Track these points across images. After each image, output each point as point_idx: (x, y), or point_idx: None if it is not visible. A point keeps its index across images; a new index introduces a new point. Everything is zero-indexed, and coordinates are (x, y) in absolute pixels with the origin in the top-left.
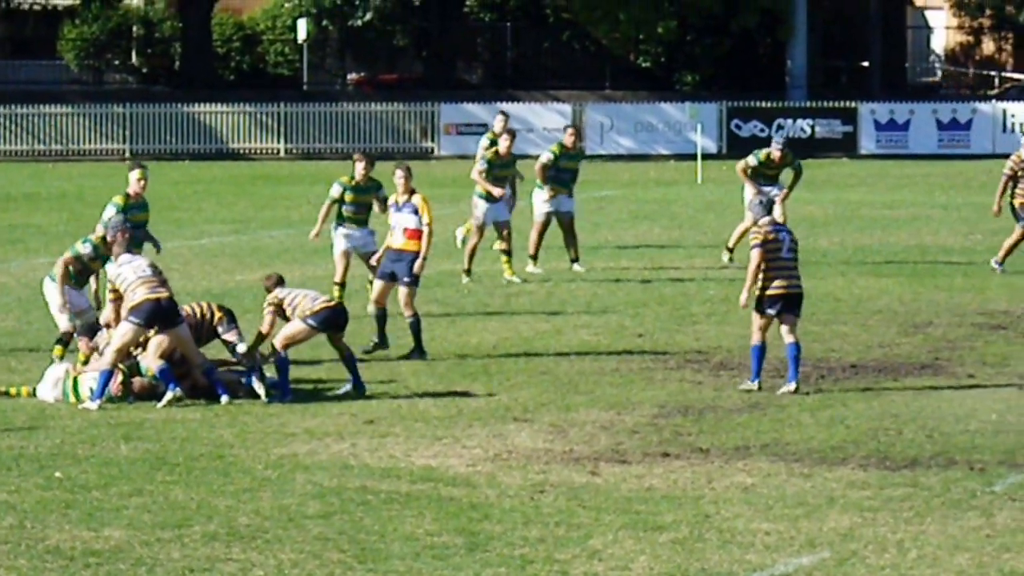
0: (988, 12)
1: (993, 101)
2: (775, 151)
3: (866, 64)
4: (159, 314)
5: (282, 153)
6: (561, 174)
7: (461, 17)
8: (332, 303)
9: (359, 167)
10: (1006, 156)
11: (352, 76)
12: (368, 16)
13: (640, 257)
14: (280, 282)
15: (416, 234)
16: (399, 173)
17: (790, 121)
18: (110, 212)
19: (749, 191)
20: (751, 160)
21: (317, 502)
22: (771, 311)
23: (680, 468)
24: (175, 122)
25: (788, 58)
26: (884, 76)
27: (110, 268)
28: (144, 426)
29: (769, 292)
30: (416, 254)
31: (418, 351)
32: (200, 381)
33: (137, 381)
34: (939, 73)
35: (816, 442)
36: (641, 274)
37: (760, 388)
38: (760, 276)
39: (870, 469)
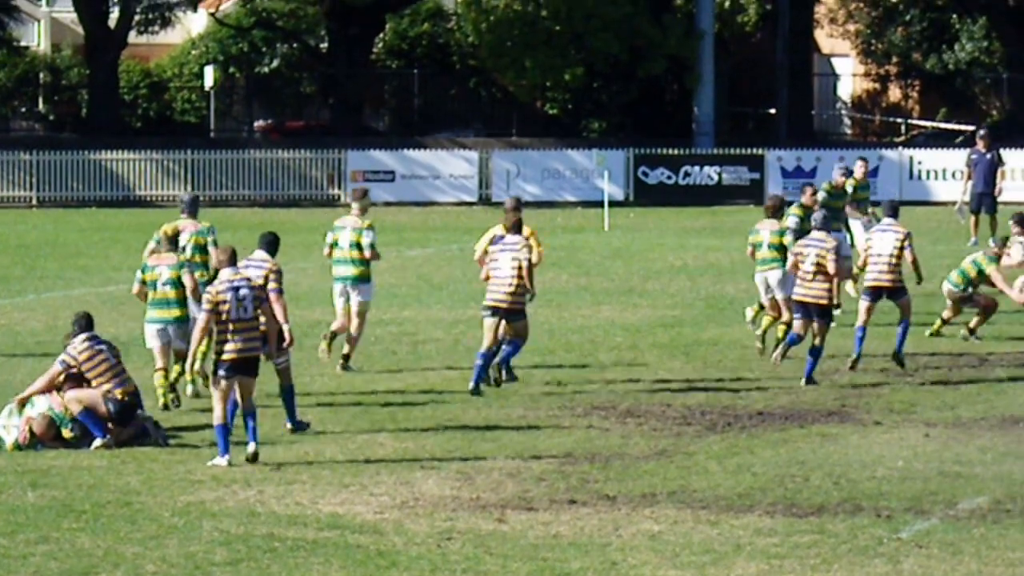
0: (894, 59)
1: (900, 148)
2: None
3: (773, 111)
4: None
5: None
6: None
7: (368, 64)
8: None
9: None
10: (913, 203)
11: (259, 123)
12: (275, 63)
13: (547, 304)
14: (233, 259)
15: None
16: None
17: (697, 168)
18: None
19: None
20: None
21: (224, 549)
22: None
23: (587, 515)
24: (82, 169)
25: (695, 105)
26: (791, 123)
27: None
28: (51, 473)
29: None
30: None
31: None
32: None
33: (37, 423)
34: (846, 120)
35: (723, 489)
36: (548, 321)
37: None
38: None
39: (777, 516)
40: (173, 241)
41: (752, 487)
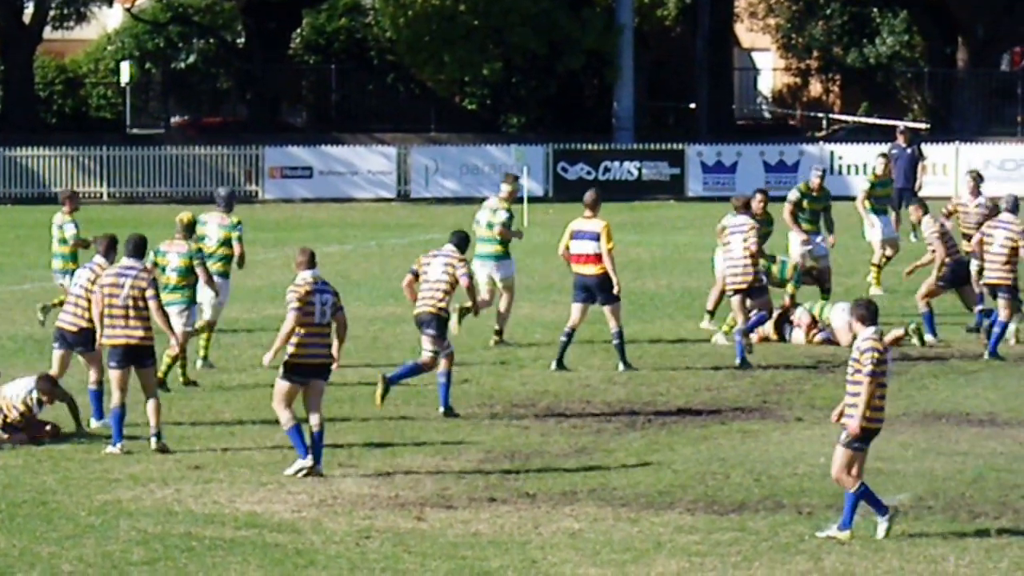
0: (815, 54)
1: (821, 143)
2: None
3: (693, 106)
4: None
5: (105, 197)
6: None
7: (285, 59)
8: None
9: None
10: (834, 199)
11: (175, 119)
12: (191, 59)
13: (466, 301)
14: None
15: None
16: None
17: (617, 163)
18: None
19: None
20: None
21: (141, 549)
22: None
23: (507, 513)
24: None
25: (615, 100)
26: (711, 118)
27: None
28: None
29: None
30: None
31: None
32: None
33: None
34: (767, 115)
35: (644, 486)
36: (467, 320)
37: None
38: None
39: (698, 513)
40: (188, 229)
41: (673, 484)
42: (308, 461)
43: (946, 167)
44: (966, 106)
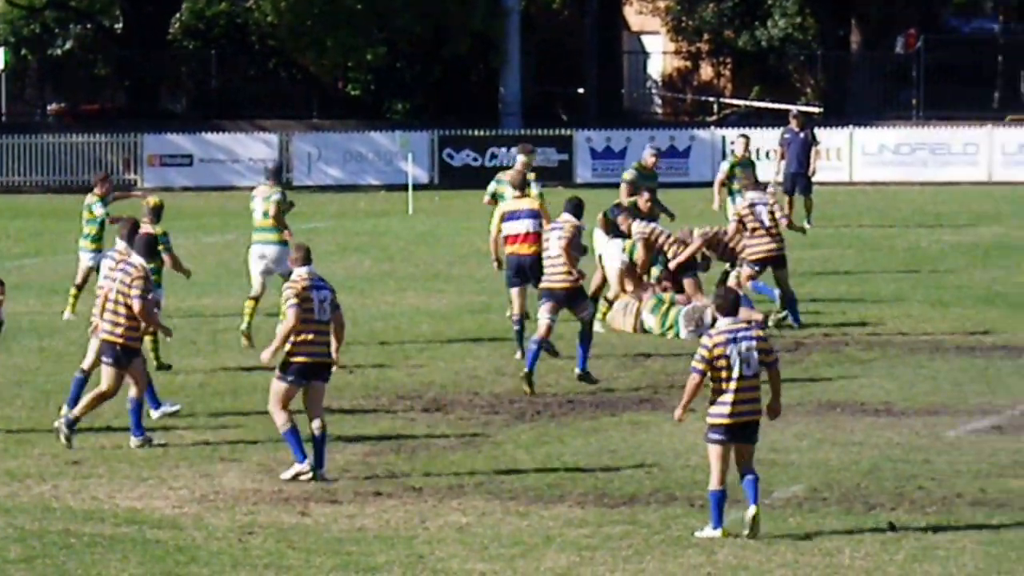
0: (706, 37)
1: (712, 128)
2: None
3: (581, 91)
4: None
5: None
6: None
7: (164, 45)
8: None
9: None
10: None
11: (52, 106)
12: (68, 45)
13: (350, 291)
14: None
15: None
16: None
17: (504, 150)
18: None
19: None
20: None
21: (18, 546)
22: None
23: (392, 508)
24: None
25: (501, 85)
26: (600, 103)
27: None
28: None
29: None
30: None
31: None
32: None
33: None
34: (657, 100)
35: (532, 479)
36: (351, 308)
37: None
38: None
39: (588, 507)
40: (155, 213)
41: (562, 477)
42: (306, 466)
43: (840, 151)
44: (860, 89)
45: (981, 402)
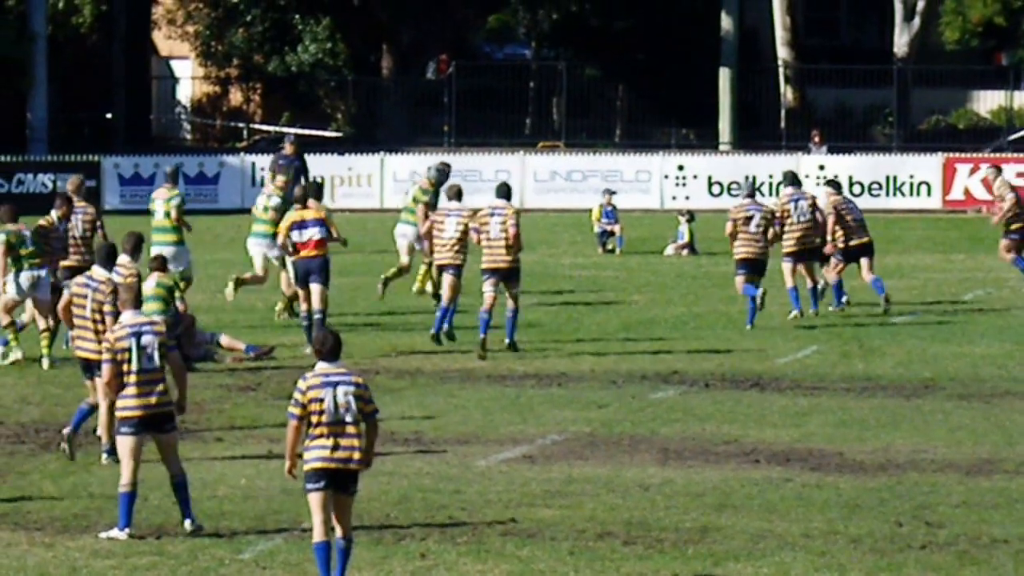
0: (236, 62)
1: (242, 154)
2: None
3: (110, 116)
4: None
5: None
6: None
7: None
8: None
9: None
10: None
11: None
12: None
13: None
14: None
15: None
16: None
17: (30, 176)
18: None
19: None
20: None
21: None
22: None
23: None
24: None
25: (28, 110)
26: (128, 129)
27: None
28: None
29: None
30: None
31: None
32: None
33: None
34: (187, 125)
35: (59, 510)
36: None
37: None
38: None
39: (116, 539)
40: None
41: (89, 507)
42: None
43: (371, 177)
44: (391, 115)
45: (512, 431)
